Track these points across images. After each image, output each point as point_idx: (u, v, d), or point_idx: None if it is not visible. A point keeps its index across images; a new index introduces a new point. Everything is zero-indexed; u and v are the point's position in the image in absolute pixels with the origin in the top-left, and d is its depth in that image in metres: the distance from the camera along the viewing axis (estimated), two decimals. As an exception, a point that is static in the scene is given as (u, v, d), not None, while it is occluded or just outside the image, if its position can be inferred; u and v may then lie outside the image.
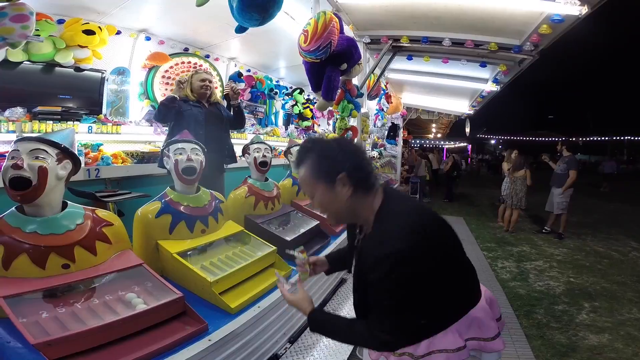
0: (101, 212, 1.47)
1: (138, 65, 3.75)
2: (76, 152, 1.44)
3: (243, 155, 2.51)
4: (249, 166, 2.40)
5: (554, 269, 4.08)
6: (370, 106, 4.98)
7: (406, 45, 3.09)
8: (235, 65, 4.93)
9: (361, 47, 3.37)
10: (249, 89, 4.95)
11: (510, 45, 2.74)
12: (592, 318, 2.84)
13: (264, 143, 2.41)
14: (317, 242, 2.42)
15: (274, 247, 1.87)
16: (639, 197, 11.70)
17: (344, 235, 2.49)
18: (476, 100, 5.77)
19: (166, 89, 3.86)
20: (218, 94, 3.86)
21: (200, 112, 2.64)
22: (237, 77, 4.83)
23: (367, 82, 3.72)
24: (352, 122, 3.39)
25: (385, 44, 3.18)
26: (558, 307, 3.04)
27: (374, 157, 6.66)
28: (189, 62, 4.13)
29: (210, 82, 2.73)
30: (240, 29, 1.95)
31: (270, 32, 3.69)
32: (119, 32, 3.42)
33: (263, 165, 2.33)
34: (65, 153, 1.36)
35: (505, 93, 4.87)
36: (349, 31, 3.10)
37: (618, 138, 33.55)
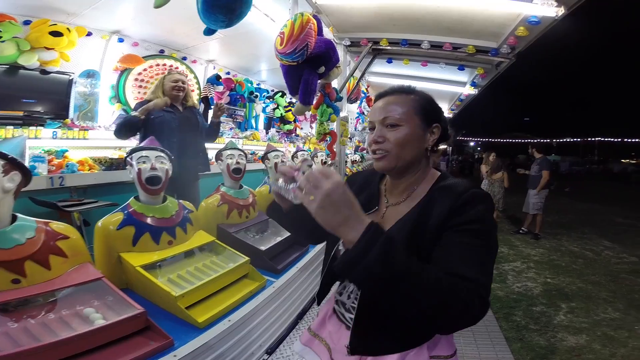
0: (56, 225, 1.40)
1: (109, 68, 3.60)
2: (27, 162, 1.34)
3: (216, 161, 2.41)
4: (221, 173, 2.32)
5: (531, 269, 4.14)
6: (351, 109, 4.97)
7: (386, 47, 3.09)
8: (214, 68, 4.83)
9: (341, 50, 3.35)
10: (227, 92, 4.85)
11: (487, 48, 2.78)
12: (569, 319, 2.88)
13: (238, 149, 2.33)
14: (295, 250, 2.36)
15: (247, 258, 1.81)
16: (609, 197, 12.25)
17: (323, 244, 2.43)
18: (455, 103, 5.86)
19: (139, 92, 3.72)
20: (194, 97, 3.75)
21: (173, 118, 2.53)
22: (215, 80, 4.72)
23: (346, 85, 3.70)
24: (333, 126, 3.36)
25: (365, 47, 3.17)
26: (536, 309, 3.08)
27: (355, 160, 6.65)
28: (164, 65, 3.99)
29: (183, 83, 2.61)
30: (208, 31, 1.88)
31: (250, 34, 3.65)
32: (89, 34, 3.28)
33: (236, 173, 2.25)
34: (13, 164, 1.26)
35: (483, 96, 4.96)
36: (329, 33, 3.07)
37: (589, 139, 35.12)
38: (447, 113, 6.75)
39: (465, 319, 0.63)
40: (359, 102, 4.81)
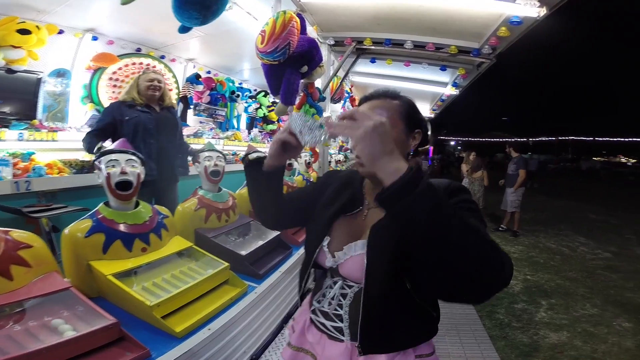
0: (17, 234, 1.31)
1: (82, 67, 3.43)
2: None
3: (193, 163, 2.33)
4: (199, 175, 2.23)
5: (511, 266, 4.23)
6: (334, 109, 4.93)
7: (370, 47, 3.08)
8: (194, 67, 4.71)
9: (325, 49, 3.31)
10: (208, 92, 4.74)
11: (469, 48, 2.80)
12: (550, 316, 2.94)
13: (216, 151, 2.26)
14: (278, 254, 2.30)
15: (226, 264, 1.74)
16: (582, 193, 12.79)
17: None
18: (436, 103, 5.93)
19: (113, 92, 3.58)
20: (173, 97, 3.64)
21: (149, 119, 2.43)
22: (195, 79, 4.61)
23: (330, 85, 3.66)
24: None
25: (349, 46, 3.14)
26: (518, 306, 3.13)
27: (339, 160, 6.63)
28: (141, 63, 3.85)
29: (159, 82, 2.51)
30: (183, 29, 1.80)
31: (232, 32, 3.58)
32: (61, 32, 3.12)
33: (215, 175, 2.17)
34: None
35: (464, 96, 5.03)
36: (312, 32, 3.02)
37: (563, 138, 36.64)
38: (428, 113, 6.82)
39: (501, 279, 0.59)
40: (342, 102, 4.78)
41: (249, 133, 5.66)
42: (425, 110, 6.58)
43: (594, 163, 30.71)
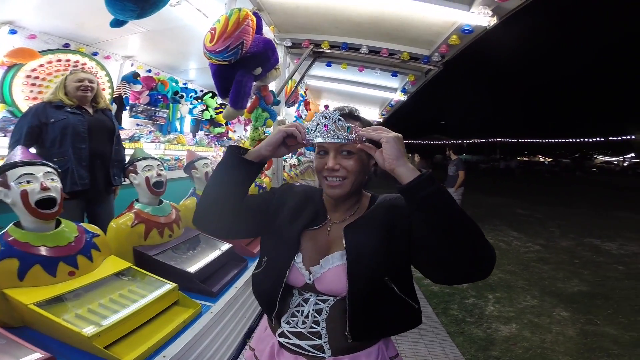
0: None
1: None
2: None
3: (126, 175, 2.02)
4: (136, 188, 1.96)
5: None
6: (288, 113, 4.82)
7: (326, 51, 3.03)
8: (132, 65, 4.28)
9: (281, 51, 3.18)
10: (147, 92, 4.33)
11: (420, 55, 2.88)
12: (498, 309, 3.12)
13: (154, 158, 2.01)
14: (232, 268, 2.12)
15: (174, 285, 1.55)
16: (510, 191, 14.23)
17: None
18: (385, 108, 6.12)
19: (31, 92, 3.09)
20: (107, 98, 3.26)
21: (81, 121, 2.16)
22: (131, 77, 4.18)
23: (285, 88, 3.54)
24: (270, 130, 3.16)
25: (306, 49, 3.05)
26: (468, 301, 3.29)
27: (294, 164, 6.52)
28: (67, 60, 3.40)
29: (91, 82, 2.24)
30: (115, 23, 1.58)
31: (179, 30, 3.35)
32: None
33: (159, 187, 1.93)
34: None
35: (409, 101, 5.24)
36: (269, 33, 2.88)
37: (492, 140, 40.78)
38: (377, 117, 7.03)
39: (490, 264, 0.73)
40: (296, 105, 4.69)
41: (194, 136, 5.29)
42: (375, 115, 6.77)
43: (516, 162, 34.63)
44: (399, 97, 4.75)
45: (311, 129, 0.85)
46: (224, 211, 0.91)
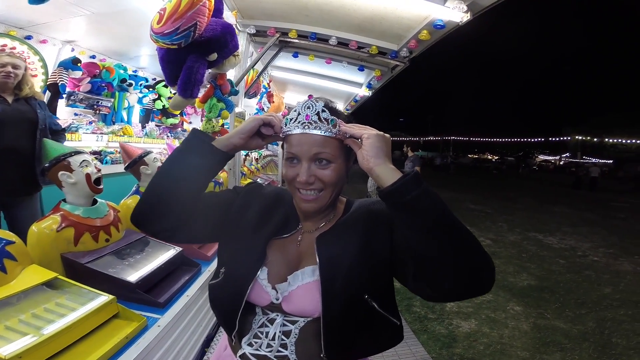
0: None
1: None
2: None
3: (50, 176, 1.61)
4: (67, 188, 1.66)
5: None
6: (249, 104, 4.55)
7: (293, 40, 2.83)
8: (73, 50, 3.80)
9: (244, 38, 2.93)
10: (87, 79, 3.86)
11: (388, 49, 2.81)
12: (457, 304, 3.19)
13: (84, 152, 1.73)
14: (183, 274, 1.89)
15: (110, 297, 1.33)
16: (463, 186, 15.09)
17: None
18: (350, 104, 6.04)
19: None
20: (37, 85, 2.87)
21: None
22: (70, 63, 3.70)
23: (245, 78, 3.29)
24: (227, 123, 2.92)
25: (272, 37, 2.83)
26: (430, 298, 3.33)
27: (257, 158, 6.27)
28: (-6, 44, 2.90)
29: (16, 67, 2.00)
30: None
31: (129, 13, 3.02)
32: None
33: (100, 184, 1.66)
34: None
35: (372, 97, 5.21)
36: (231, 18, 2.61)
37: (446, 138, 43.16)
38: (342, 113, 6.94)
39: (490, 276, 0.64)
40: (258, 97, 4.43)
41: (143, 127, 4.84)
42: (339, 109, 6.68)
43: (451, 159, 37.16)
44: (364, 92, 4.69)
45: (291, 119, 0.76)
46: (175, 208, 0.75)
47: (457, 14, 1.89)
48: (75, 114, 3.85)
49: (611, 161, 35.70)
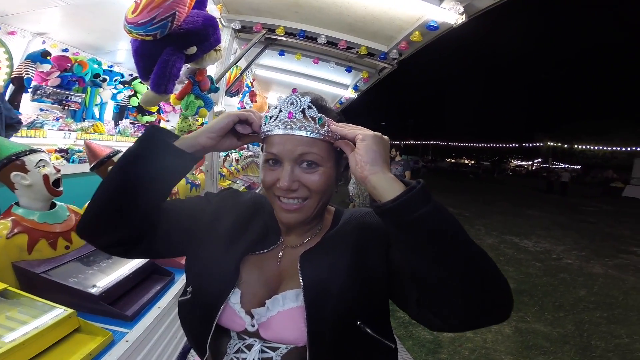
0: None
1: None
2: None
3: (9, 175, 1.49)
4: (20, 191, 1.50)
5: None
6: (230, 103, 4.39)
7: (280, 38, 2.71)
8: (44, 43, 3.56)
9: (227, 34, 2.79)
10: (57, 73, 3.62)
11: (378, 51, 2.75)
12: (440, 309, 3.19)
13: (41, 151, 1.57)
14: (153, 284, 1.75)
15: (69, 310, 1.21)
16: (440, 189, 15.39)
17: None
18: (335, 105, 6.00)
19: None
20: (4, 78, 2.67)
21: None
22: (39, 56, 3.46)
23: (227, 75, 3.15)
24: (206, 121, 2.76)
25: (257, 33, 2.71)
26: (415, 303, 3.32)
27: (237, 159, 6.09)
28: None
29: None
30: None
31: (106, 5, 2.86)
32: None
33: (59, 185, 1.51)
34: None
35: (357, 100, 5.17)
36: (215, 12, 2.48)
37: (426, 142, 44.28)
38: (325, 114, 6.89)
39: (508, 301, 0.56)
40: (240, 96, 4.29)
41: (117, 125, 4.59)
42: (329, 106, 6.64)
43: (422, 163, 38.16)
44: (350, 94, 4.63)
45: (271, 117, 0.65)
46: (131, 217, 0.63)
47: (452, 16, 1.85)
48: (41, 109, 3.60)
49: (579, 167, 37.62)
